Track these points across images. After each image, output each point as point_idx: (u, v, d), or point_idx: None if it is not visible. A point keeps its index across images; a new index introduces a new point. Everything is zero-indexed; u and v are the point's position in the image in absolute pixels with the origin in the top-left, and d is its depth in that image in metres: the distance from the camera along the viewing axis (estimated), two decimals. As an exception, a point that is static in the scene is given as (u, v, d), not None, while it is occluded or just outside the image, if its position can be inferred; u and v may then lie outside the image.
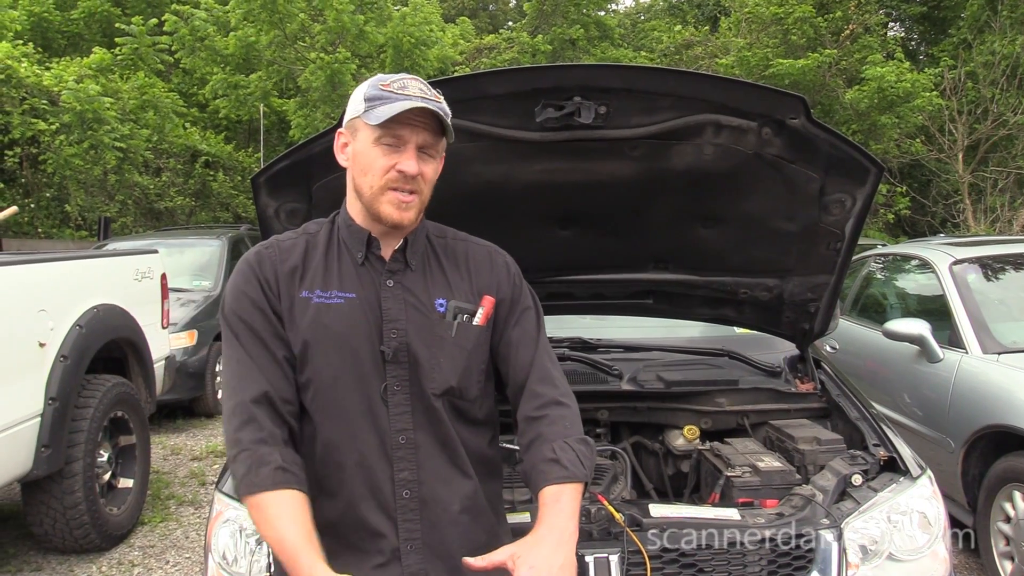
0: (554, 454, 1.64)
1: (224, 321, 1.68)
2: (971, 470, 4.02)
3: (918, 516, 2.28)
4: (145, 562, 4.48)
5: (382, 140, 1.61)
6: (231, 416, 1.61)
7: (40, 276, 4.34)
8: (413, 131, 1.61)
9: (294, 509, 1.53)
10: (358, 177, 1.66)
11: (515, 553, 1.51)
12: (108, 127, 12.18)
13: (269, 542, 1.56)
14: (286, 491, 1.54)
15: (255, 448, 1.56)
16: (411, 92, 1.60)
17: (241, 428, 1.58)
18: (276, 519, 1.52)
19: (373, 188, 1.63)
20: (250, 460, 1.55)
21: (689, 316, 3.32)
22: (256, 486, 1.54)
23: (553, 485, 1.60)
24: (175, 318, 6.92)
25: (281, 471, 1.55)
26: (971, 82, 15.49)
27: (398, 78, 1.64)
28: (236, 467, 1.57)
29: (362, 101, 1.63)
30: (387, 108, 1.58)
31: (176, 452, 6.66)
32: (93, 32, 17.03)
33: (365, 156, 1.63)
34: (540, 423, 1.71)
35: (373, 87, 1.63)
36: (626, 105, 2.32)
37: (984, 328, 4.33)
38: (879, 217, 16.20)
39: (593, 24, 20.23)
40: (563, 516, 1.57)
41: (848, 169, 2.50)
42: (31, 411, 4.03)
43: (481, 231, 1.87)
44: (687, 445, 2.88)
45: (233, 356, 1.64)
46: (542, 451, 1.66)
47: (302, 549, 1.48)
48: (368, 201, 1.65)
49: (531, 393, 1.74)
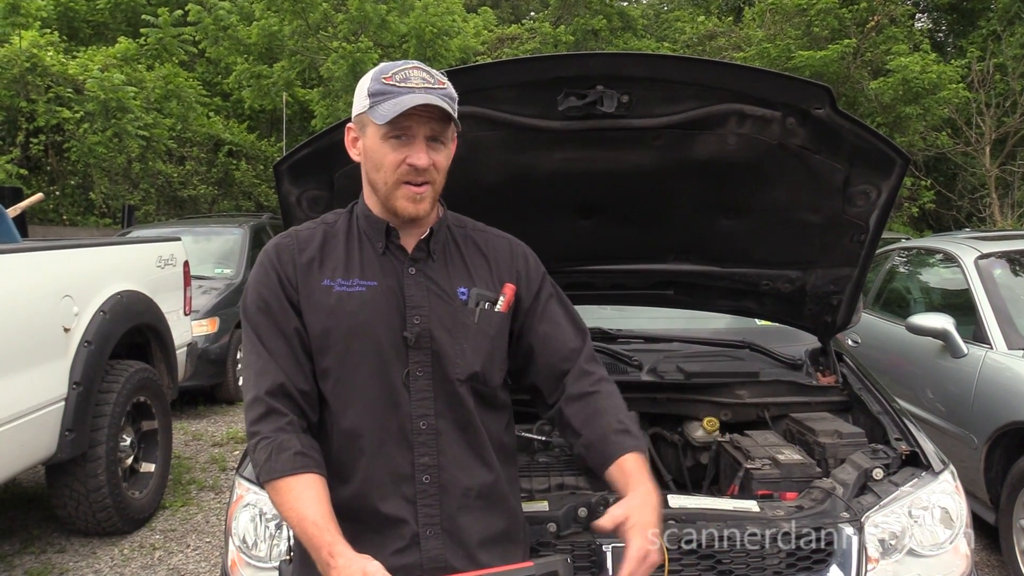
0: (623, 424, 1.71)
1: (244, 316, 1.70)
2: (994, 467, 3.98)
3: (939, 511, 2.26)
4: (166, 545, 4.53)
5: (390, 135, 1.60)
6: (250, 407, 1.64)
7: (65, 262, 4.39)
8: (420, 123, 1.60)
9: (314, 491, 1.55)
10: (371, 172, 1.67)
11: (629, 516, 1.56)
12: (132, 116, 12.28)
13: (290, 522, 1.58)
14: (306, 475, 1.56)
15: (275, 436, 1.59)
16: (414, 84, 1.59)
17: (260, 419, 1.62)
18: (297, 500, 1.54)
19: (388, 184, 1.63)
20: (270, 447, 1.58)
21: (710, 308, 3.29)
22: (276, 471, 1.56)
23: (631, 453, 1.67)
24: (197, 305, 6.98)
25: (300, 455, 1.58)
26: (1000, 74, 15.25)
27: (400, 68, 1.62)
28: (256, 455, 1.60)
29: (366, 96, 1.62)
30: (390, 105, 1.57)
31: (197, 438, 6.73)
32: (118, 21, 17.14)
33: (375, 152, 1.63)
34: (596, 398, 1.75)
35: (376, 81, 1.62)
36: (649, 94, 2.30)
37: (1010, 323, 4.28)
38: (903, 211, 16.01)
39: (616, 15, 20.10)
40: (649, 480, 1.64)
41: (873, 160, 2.47)
42: (55, 395, 4.08)
43: (502, 220, 1.87)
44: (707, 437, 2.87)
45: (252, 350, 1.67)
46: (609, 422, 1.71)
47: (324, 528, 1.51)
48: (383, 197, 1.66)
49: (581, 371, 1.77)
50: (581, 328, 1.83)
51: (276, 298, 1.67)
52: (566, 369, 1.77)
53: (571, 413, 1.75)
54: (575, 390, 1.76)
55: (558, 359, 1.77)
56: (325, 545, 1.49)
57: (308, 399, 1.66)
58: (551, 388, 1.79)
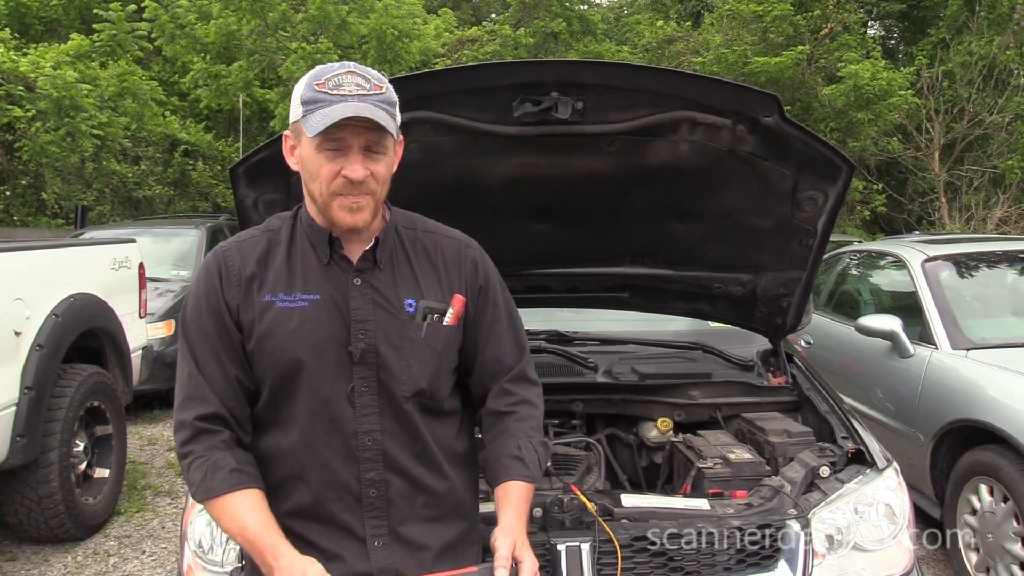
0: (519, 451, 1.71)
1: (181, 329, 1.67)
2: (939, 464, 4.09)
3: (884, 507, 2.33)
4: (121, 552, 4.47)
5: (323, 147, 1.54)
6: (180, 429, 1.62)
7: (16, 265, 4.31)
8: (354, 134, 1.53)
9: (252, 501, 1.56)
10: (308, 183, 1.61)
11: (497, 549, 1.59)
12: (85, 114, 12.04)
13: (232, 535, 1.59)
14: (243, 491, 1.57)
15: (208, 454, 1.58)
16: (347, 91, 1.51)
17: (191, 439, 1.60)
18: (236, 512, 1.55)
19: (323, 195, 1.57)
20: (204, 466, 1.57)
21: (664, 310, 3.36)
22: (212, 491, 1.56)
23: (515, 480, 1.69)
24: (153, 308, 6.87)
25: (236, 472, 1.57)
26: (948, 81, 15.65)
27: (333, 74, 1.53)
28: (192, 475, 1.59)
29: (299, 104, 1.55)
30: (321, 116, 1.50)
31: (152, 442, 6.64)
32: (71, 18, 16.79)
33: (310, 163, 1.57)
34: (508, 418, 1.76)
35: (309, 87, 1.54)
36: (603, 101, 2.35)
37: (954, 324, 4.40)
38: (855, 214, 16.33)
39: (576, 18, 20.22)
40: (518, 511, 1.66)
41: (820, 167, 2.54)
42: (6, 400, 4.01)
43: (458, 224, 1.88)
44: (660, 437, 2.92)
45: (185, 369, 1.64)
46: (508, 445, 1.72)
47: (264, 532, 1.52)
48: (321, 207, 1.61)
49: (503, 390, 1.78)
50: (521, 344, 1.82)
51: (216, 316, 1.63)
52: (491, 386, 1.78)
53: (484, 427, 1.80)
54: (492, 406, 1.78)
55: (488, 375, 1.78)
56: (267, 549, 1.50)
57: (241, 423, 1.64)
58: (479, 399, 1.82)
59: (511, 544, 1.59)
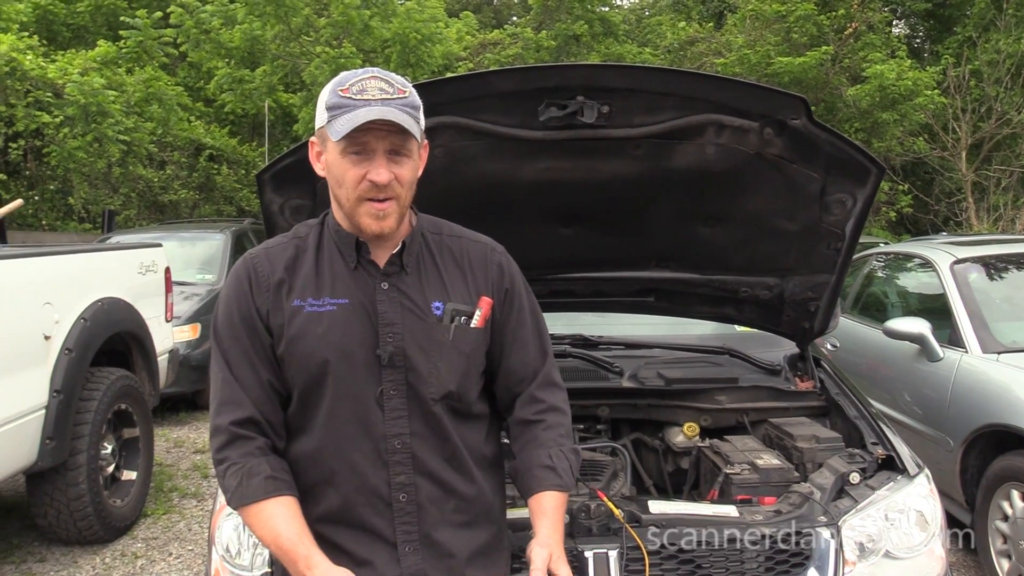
0: (551, 461, 1.70)
1: (213, 336, 1.68)
2: (970, 469, 4.03)
3: (915, 514, 2.30)
4: (148, 554, 4.51)
5: (348, 151, 1.55)
6: (216, 434, 1.63)
7: (45, 269, 4.36)
8: (378, 138, 1.54)
9: (287, 509, 1.57)
10: (334, 188, 1.62)
11: (532, 561, 1.62)
12: (112, 120, 12.20)
13: (265, 543, 1.60)
14: (278, 498, 1.57)
15: (244, 461, 1.59)
16: (370, 96, 1.53)
17: (227, 445, 1.61)
18: (270, 520, 1.56)
19: (350, 200, 1.58)
20: (240, 472, 1.58)
21: (690, 314, 3.34)
22: (248, 497, 1.57)
23: (549, 491, 1.69)
24: (179, 311, 6.94)
25: (272, 480, 1.58)
26: (975, 80, 15.45)
27: (357, 79, 1.56)
28: (227, 481, 1.60)
29: (324, 110, 1.57)
30: (345, 120, 1.52)
31: (179, 445, 6.69)
32: (98, 25, 17.01)
33: (336, 168, 1.58)
34: (536, 427, 1.75)
35: (333, 93, 1.56)
36: (629, 105, 2.34)
37: (984, 327, 4.34)
38: (881, 215, 16.16)
39: (598, 20, 20.16)
40: (555, 522, 1.68)
41: (849, 169, 2.51)
42: (36, 403, 4.06)
43: (483, 228, 1.88)
44: (687, 442, 2.90)
45: (219, 375, 1.65)
46: (538, 455, 1.72)
47: (298, 542, 1.52)
48: (348, 213, 1.62)
49: (531, 397, 1.77)
50: (545, 349, 1.81)
51: (247, 322, 1.64)
52: (519, 392, 1.78)
53: (513, 436, 1.79)
54: (521, 415, 1.77)
55: (515, 380, 1.77)
56: (301, 558, 1.51)
57: (275, 428, 1.65)
58: (506, 405, 1.81)
59: (547, 556, 1.59)
